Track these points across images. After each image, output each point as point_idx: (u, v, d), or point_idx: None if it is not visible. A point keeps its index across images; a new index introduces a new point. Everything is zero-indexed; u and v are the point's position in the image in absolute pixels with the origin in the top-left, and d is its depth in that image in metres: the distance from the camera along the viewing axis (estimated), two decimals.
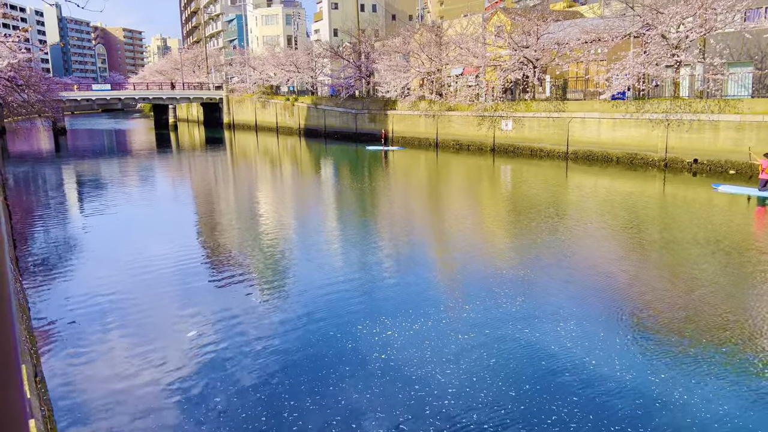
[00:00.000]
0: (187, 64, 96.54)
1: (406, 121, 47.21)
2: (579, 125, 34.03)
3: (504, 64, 39.72)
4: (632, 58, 30.59)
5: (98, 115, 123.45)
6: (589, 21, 41.20)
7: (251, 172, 36.61)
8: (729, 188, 22.92)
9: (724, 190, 22.77)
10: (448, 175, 31.88)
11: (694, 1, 28.48)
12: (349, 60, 56.18)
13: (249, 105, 70.91)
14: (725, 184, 23.77)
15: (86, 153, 49.97)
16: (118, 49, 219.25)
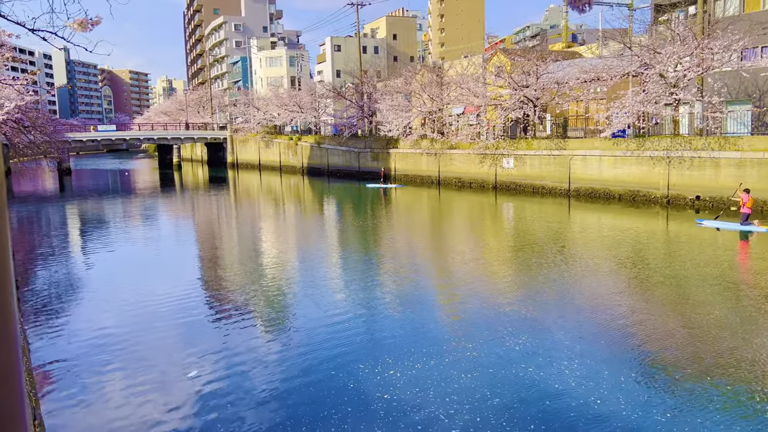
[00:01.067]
0: (192, 104, 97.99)
1: (408, 160, 47.56)
2: (580, 163, 34.23)
3: (504, 103, 40.22)
4: (631, 97, 30.96)
5: (103, 156, 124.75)
6: (587, 61, 41.87)
7: (253, 210, 36.71)
8: (712, 223, 23.44)
9: (707, 225, 23.29)
10: (450, 212, 31.93)
11: (690, 42, 28.98)
12: (352, 100, 57.00)
13: (253, 144, 71.64)
14: (708, 219, 24.34)
15: (90, 193, 50.28)
16: (124, 90, 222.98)
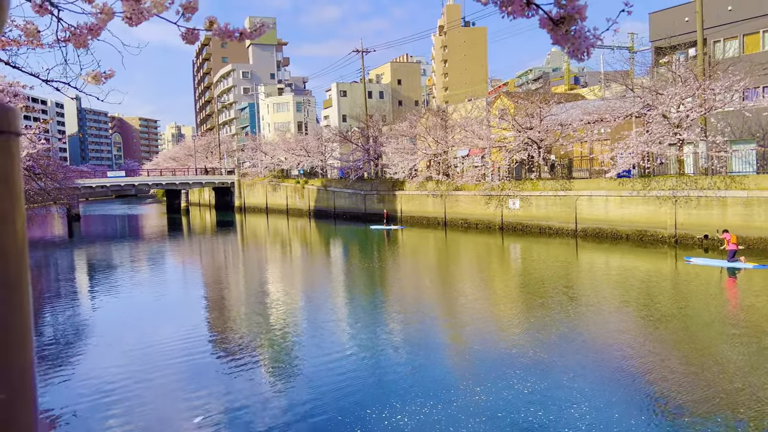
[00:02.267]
0: (201, 150, 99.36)
1: (414, 201, 47.76)
2: (586, 203, 34.24)
3: (509, 145, 40.56)
4: (635, 138, 31.18)
5: (112, 201, 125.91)
6: (590, 103, 42.37)
7: (259, 253, 36.73)
8: (700, 260, 24.14)
9: (696, 263, 23.92)
10: (456, 253, 31.82)
11: (692, 82, 29.33)
12: (358, 144, 57.68)
13: (260, 188, 72.25)
14: (696, 257, 24.94)
15: (98, 238, 50.56)
16: (133, 137, 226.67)
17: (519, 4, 2.63)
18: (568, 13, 2.61)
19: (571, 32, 2.74)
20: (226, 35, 3.34)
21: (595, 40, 2.81)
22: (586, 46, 2.76)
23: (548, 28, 2.76)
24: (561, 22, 2.70)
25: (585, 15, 2.69)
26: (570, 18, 2.66)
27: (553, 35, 2.81)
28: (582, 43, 2.75)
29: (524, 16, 2.73)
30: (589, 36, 2.77)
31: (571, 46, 2.79)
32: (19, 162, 0.79)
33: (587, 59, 2.95)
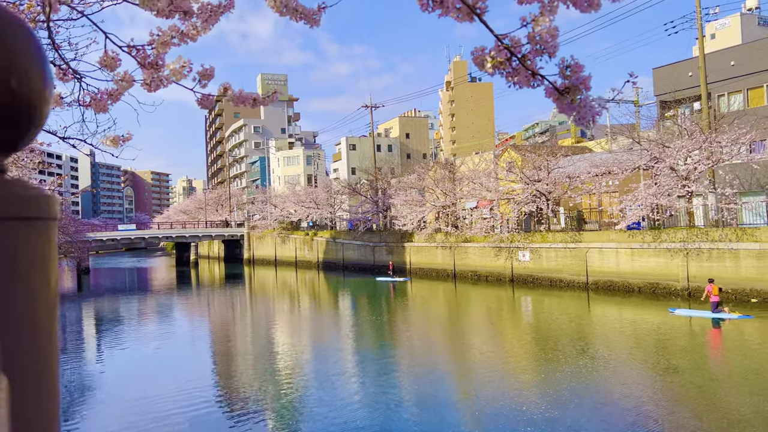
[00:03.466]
0: (211, 203, 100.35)
1: (423, 253, 47.61)
2: (597, 255, 33.99)
3: (517, 197, 40.69)
4: (644, 190, 31.20)
5: (122, 254, 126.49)
6: (597, 155, 42.65)
7: (267, 306, 36.49)
8: (684, 312, 24.53)
9: (680, 314, 24.31)
10: (467, 306, 31.46)
11: (698, 136, 29.53)
12: (367, 196, 58.08)
13: (269, 241, 72.45)
14: (680, 308, 25.29)
15: (107, 292, 50.54)
16: (145, 190, 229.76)
17: (524, 75, 2.66)
18: (573, 83, 2.64)
19: (576, 101, 2.77)
20: (241, 101, 3.41)
21: (600, 109, 2.83)
22: (591, 114, 2.78)
23: (554, 97, 2.79)
24: (566, 92, 2.72)
25: (589, 85, 2.72)
26: (575, 88, 2.68)
27: (558, 104, 2.84)
28: (587, 112, 2.77)
29: (530, 86, 2.77)
30: (594, 105, 2.79)
31: (576, 115, 2.81)
32: (55, 245, 0.83)
33: (593, 127, 2.97)
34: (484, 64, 2.70)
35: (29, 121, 0.80)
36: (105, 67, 2.46)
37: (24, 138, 0.82)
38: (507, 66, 2.69)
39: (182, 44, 2.54)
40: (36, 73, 0.77)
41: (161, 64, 2.53)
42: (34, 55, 0.78)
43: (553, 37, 2.30)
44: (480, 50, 2.66)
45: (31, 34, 0.79)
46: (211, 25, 2.64)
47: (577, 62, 2.66)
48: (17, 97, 0.75)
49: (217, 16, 2.76)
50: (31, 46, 0.78)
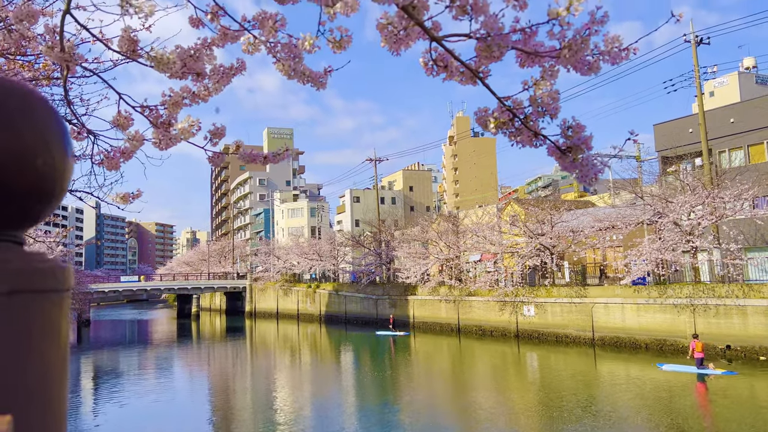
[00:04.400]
0: (214, 255, 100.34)
1: (426, 306, 47.15)
2: (602, 311, 33.60)
3: (521, 250, 40.59)
4: (648, 245, 31.12)
5: (123, 306, 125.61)
6: (601, 210, 42.78)
7: (268, 361, 35.93)
8: (672, 367, 24.65)
9: (668, 369, 24.45)
10: (471, 362, 30.90)
11: (701, 191, 29.67)
12: (370, 248, 58.03)
13: (271, 293, 72.00)
14: (668, 363, 25.34)
15: (107, 344, 49.95)
16: (149, 242, 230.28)
17: (527, 135, 2.72)
18: (575, 143, 2.68)
19: (578, 160, 2.81)
20: (252, 159, 3.47)
21: (602, 167, 2.87)
22: (594, 172, 2.81)
23: (556, 156, 2.83)
24: (568, 152, 2.77)
25: (591, 145, 2.76)
26: (577, 148, 2.73)
27: (561, 162, 2.88)
28: (590, 170, 2.80)
29: (533, 146, 2.82)
30: (596, 163, 2.83)
31: (579, 173, 2.84)
32: (68, 314, 0.85)
33: (595, 184, 2.99)
34: (488, 125, 2.76)
35: (51, 196, 0.84)
36: (118, 126, 2.53)
37: (45, 211, 0.86)
38: (510, 126, 2.74)
39: (193, 104, 2.62)
40: (59, 151, 0.82)
41: (173, 123, 2.59)
42: (58, 134, 0.83)
43: (555, 99, 2.36)
44: (483, 111, 2.73)
45: (54, 112, 0.84)
46: (222, 86, 2.72)
47: (579, 123, 2.71)
48: (41, 174, 0.79)
49: (229, 78, 2.85)
50: (56, 124, 0.83)
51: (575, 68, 2.50)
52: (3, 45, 3.14)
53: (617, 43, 2.41)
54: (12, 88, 0.80)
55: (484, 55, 2.16)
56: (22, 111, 0.78)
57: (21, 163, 0.77)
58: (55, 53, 2.12)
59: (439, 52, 2.34)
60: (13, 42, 2.46)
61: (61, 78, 3.14)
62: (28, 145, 0.78)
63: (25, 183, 0.78)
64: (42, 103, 0.82)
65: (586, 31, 2.29)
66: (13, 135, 0.76)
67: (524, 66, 2.52)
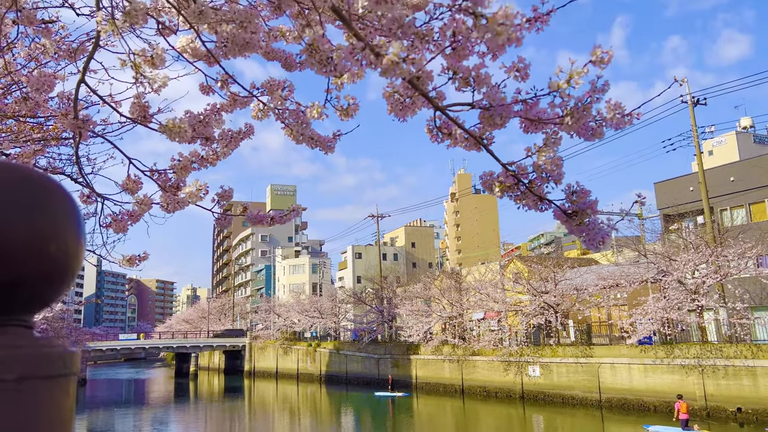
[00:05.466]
0: (214, 312, 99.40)
1: (429, 366, 46.24)
2: (609, 371, 32.91)
3: (525, 308, 40.16)
4: (653, 303, 30.80)
5: (120, 365, 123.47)
6: (604, 267, 42.55)
7: (266, 424, 34.99)
8: (659, 428, 24.64)
9: (654, 430, 24.56)
10: (476, 428, 30.01)
11: (704, 249, 29.60)
12: (372, 305, 57.47)
13: (271, 351, 70.85)
14: (655, 425, 25.27)
15: (103, 404, 48.81)
16: (149, 299, 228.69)
17: (532, 199, 2.73)
18: (580, 208, 2.69)
19: (584, 224, 2.81)
20: (258, 221, 3.48)
21: (609, 230, 2.86)
22: (600, 236, 2.81)
23: (562, 219, 2.84)
24: (574, 215, 2.78)
25: (597, 209, 2.77)
26: (582, 212, 2.74)
27: (567, 226, 2.88)
28: (596, 234, 2.80)
29: (538, 210, 2.83)
30: (603, 227, 2.83)
31: (585, 237, 2.84)
32: (74, 396, 0.86)
33: (602, 247, 3.00)
34: (493, 189, 2.78)
35: (63, 281, 0.85)
36: (127, 190, 2.56)
37: (57, 295, 0.87)
38: (515, 190, 2.76)
39: (202, 168, 2.65)
40: (72, 236, 0.84)
41: (181, 187, 2.62)
42: (72, 219, 0.85)
43: (558, 166, 2.39)
44: (488, 175, 2.75)
45: (68, 197, 0.86)
46: (231, 151, 2.76)
47: (583, 188, 2.73)
48: (53, 260, 0.81)
49: (237, 142, 2.90)
50: (69, 210, 0.85)
51: (579, 134, 2.54)
52: (14, 108, 3.22)
53: (619, 110, 2.46)
54: (27, 175, 0.82)
55: (488, 124, 2.21)
56: (37, 198, 0.80)
57: (34, 249, 0.79)
58: (69, 121, 2.17)
59: (443, 120, 2.39)
60: (28, 109, 2.53)
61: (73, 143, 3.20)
62: (42, 232, 0.80)
63: (37, 269, 0.80)
64: (56, 190, 0.84)
65: (588, 99, 2.34)
66: (28, 223, 0.78)
67: (528, 132, 2.56)
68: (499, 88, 2.04)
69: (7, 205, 0.77)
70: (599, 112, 2.44)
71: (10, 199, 0.78)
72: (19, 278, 0.79)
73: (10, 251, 0.76)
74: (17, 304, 0.81)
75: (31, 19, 2.35)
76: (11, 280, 0.78)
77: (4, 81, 3.53)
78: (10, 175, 0.80)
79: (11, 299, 0.79)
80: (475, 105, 2.10)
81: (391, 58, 1.55)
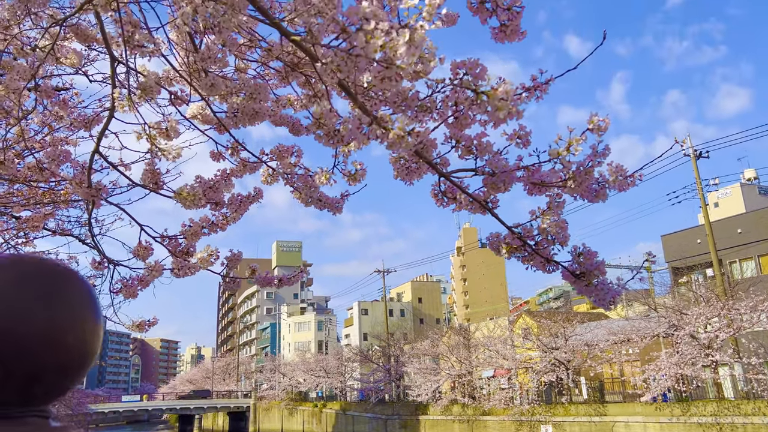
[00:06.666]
0: (219, 372, 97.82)
1: (439, 427, 44.97)
2: (624, 430, 31.91)
3: (536, 365, 39.35)
4: (666, 359, 30.14)
5: (122, 428, 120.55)
6: (614, 322, 41.89)
7: None
8: None
9: None
10: None
11: (715, 302, 29.19)
12: (379, 363, 56.45)
13: (276, 412, 69.28)
14: None
15: None
16: (153, 359, 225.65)
17: (539, 260, 2.74)
18: (588, 269, 2.70)
19: (593, 285, 2.80)
20: (267, 283, 3.49)
21: (620, 290, 2.85)
22: (611, 296, 2.79)
23: (570, 280, 2.84)
24: (582, 276, 2.77)
25: (604, 270, 2.77)
26: (590, 273, 2.74)
27: (576, 286, 2.88)
28: (606, 294, 2.79)
29: (545, 271, 2.83)
30: (612, 287, 2.82)
31: (595, 297, 2.83)
32: None
33: (613, 308, 2.98)
34: (500, 250, 2.80)
35: (79, 371, 0.87)
36: (138, 256, 2.59)
37: (74, 384, 0.88)
38: (522, 251, 2.77)
39: (212, 234, 2.69)
40: (90, 327, 0.86)
41: (191, 252, 2.65)
42: (90, 310, 0.87)
43: (563, 229, 2.41)
44: (495, 236, 2.77)
45: (87, 287, 0.88)
46: (240, 215, 2.80)
47: (589, 249, 2.74)
48: (71, 352, 0.83)
49: (246, 207, 2.95)
50: (87, 301, 0.88)
51: (582, 197, 2.57)
52: (26, 173, 3.30)
53: (622, 172, 2.50)
54: (44, 267, 0.85)
55: (492, 189, 2.25)
56: (55, 290, 0.83)
57: (53, 341, 0.80)
58: (83, 189, 2.23)
59: (448, 185, 2.43)
60: (43, 179, 2.59)
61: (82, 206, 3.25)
62: (60, 324, 0.82)
63: (55, 361, 0.82)
64: (73, 279, 0.87)
65: (589, 162, 2.38)
66: (47, 316, 0.80)
67: (532, 194, 2.59)
68: (501, 156, 2.09)
69: (26, 299, 0.79)
70: (602, 175, 2.48)
71: (28, 294, 0.80)
72: (37, 371, 0.80)
73: (29, 345, 0.77)
74: (36, 395, 0.82)
75: (49, 93, 2.45)
76: (30, 372, 0.79)
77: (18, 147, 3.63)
78: (27, 268, 0.82)
79: (30, 391, 0.80)
80: (478, 171, 2.14)
81: (397, 133, 1.60)
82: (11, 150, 3.31)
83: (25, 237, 6.46)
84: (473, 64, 1.63)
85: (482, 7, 1.78)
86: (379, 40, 1.26)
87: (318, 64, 1.46)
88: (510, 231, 2.49)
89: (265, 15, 1.73)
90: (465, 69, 1.65)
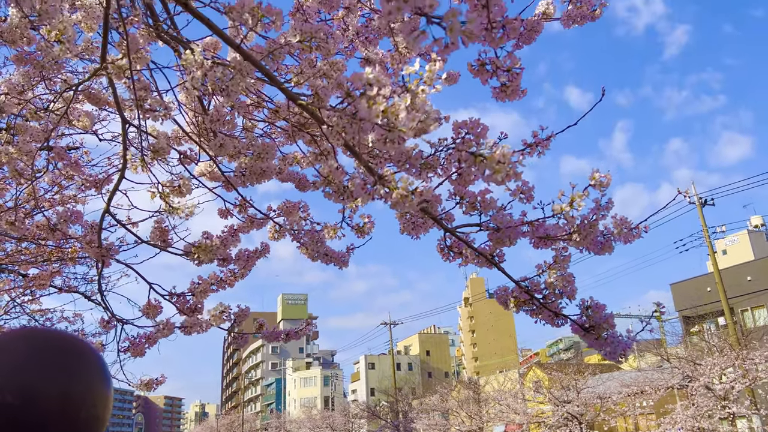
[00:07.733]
0: (223, 430, 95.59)
1: None
2: None
3: (548, 420, 38.33)
4: (681, 412, 29.33)
5: None
6: (627, 373, 40.99)
7: None
8: None
9: None
10: None
11: (728, 352, 28.60)
12: (387, 420, 55.09)
13: None
14: None
15: None
16: (156, 416, 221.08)
17: (548, 314, 2.73)
18: (596, 322, 2.68)
19: (602, 338, 2.77)
20: (274, 338, 3.47)
21: (630, 342, 2.81)
22: (622, 348, 2.76)
23: (580, 334, 2.81)
24: (591, 330, 2.75)
25: (613, 323, 2.74)
26: (599, 327, 2.72)
27: (586, 340, 2.85)
28: (617, 347, 2.75)
29: (554, 325, 2.81)
30: (623, 339, 2.78)
31: (606, 350, 2.80)
32: None
33: (624, 361, 2.94)
34: (508, 304, 2.79)
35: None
36: (147, 315, 2.60)
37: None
38: (530, 305, 2.76)
39: (220, 290, 2.70)
40: (102, 401, 0.87)
41: (199, 309, 2.66)
42: (102, 385, 0.88)
43: (570, 282, 2.41)
44: (503, 290, 2.76)
45: (100, 362, 0.90)
46: (248, 271, 2.82)
47: (597, 302, 2.72)
48: (83, 426, 0.83)
49: (253, 262, 2.97)
50: (100, 375, 0.88)
51: (588, 249, 2.58)
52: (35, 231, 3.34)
53: (626, 225, 2.52)
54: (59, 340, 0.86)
55: (497, 243, 2.26)
56: (69, 365, 0.84)
57: (66, 416, 0.81)
58: (93, 249, 2.25)
59: (454, 240, 2.45)
60: (54, 239, 2.63)
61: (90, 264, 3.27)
62: (74, 399, 0.82)
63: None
64: (87, 354, 0.88)
65: (593, 216, 2.40)
66: (62, 391, 0.81)
67: (538, 248, 2.60)
68: (505, 211, 2.11)
69: (40, 373, 0.80)
70: (606, 228, 2.49)
71: (42, 368, 0.80)
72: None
73: (42, 420, 0.77)
74: None
75: (62, 155, 2.51)
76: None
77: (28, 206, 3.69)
78: (41, 342, 0.83)
79: None
80: (483, 227, 2.16)
81: (401, 192, 1.63)
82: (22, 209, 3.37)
83: (31, 294, 6.46)
84: (474, 123, 1.68)
85: (482, 69, 1.84)
86: (381, 105, 1.31)
87: (324, 126, 1.51)
88: (517, 285, 2.49)
89: (271, 80, 1.80)
90: (466, 129, 1.69)
